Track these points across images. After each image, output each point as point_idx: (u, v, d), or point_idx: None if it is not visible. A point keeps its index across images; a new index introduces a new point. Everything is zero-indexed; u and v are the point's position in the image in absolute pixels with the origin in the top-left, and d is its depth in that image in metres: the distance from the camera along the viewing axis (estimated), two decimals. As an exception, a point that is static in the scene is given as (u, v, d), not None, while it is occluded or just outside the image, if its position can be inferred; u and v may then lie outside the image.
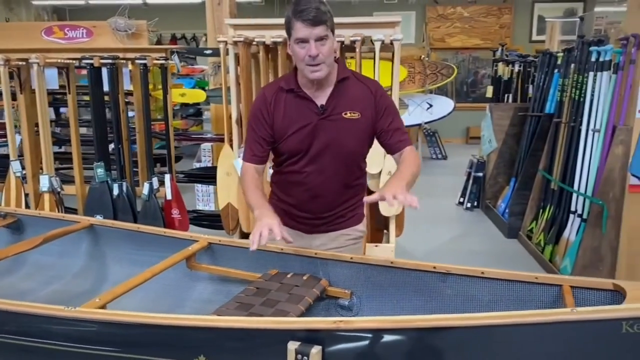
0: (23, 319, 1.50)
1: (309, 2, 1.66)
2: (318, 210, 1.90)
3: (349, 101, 1.81)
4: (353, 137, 1.83)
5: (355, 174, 1.92)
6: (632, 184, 3.34)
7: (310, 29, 1.66)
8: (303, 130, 1.81)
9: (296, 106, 1.82)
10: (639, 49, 3.22)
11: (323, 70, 1.73)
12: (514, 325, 1.18)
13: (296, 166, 1.87)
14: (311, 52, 1.67)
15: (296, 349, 1.26)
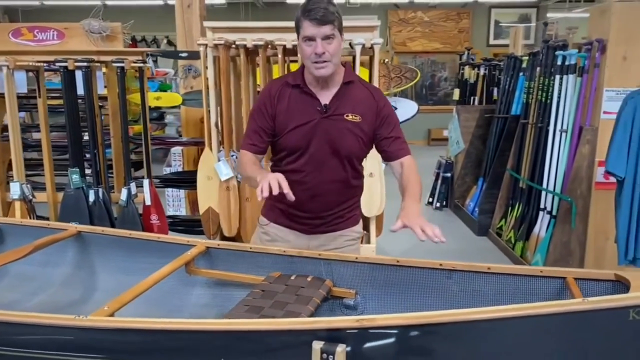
0: (28, 330, 1.45)
1: (318, 2, 1.71)
2: (317, 210, 1.92)
3: (352, 104, 1.85)
4: (353, 139, 1.86)
5: (352, 175, 1.95)
6: (598, 181, 3.52)
7: (317, 27, 1.70)
8: (304, 127, 1.84)
9: (300, 102, 1.85)
10: (602, 54, 3.40)
11: (328, 67, 1.76)
12: (530, 316, 1.24)
13: (296, 164, 1.88)
14: (317, 49, 1.72)
15: (321, 348, 1.28)
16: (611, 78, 3.40)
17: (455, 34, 10.22)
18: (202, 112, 5.00)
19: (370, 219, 3.50)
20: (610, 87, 3.41)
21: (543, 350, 1.28)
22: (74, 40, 3.60)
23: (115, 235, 2.24)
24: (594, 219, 3.57)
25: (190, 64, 4.97)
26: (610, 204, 3.54)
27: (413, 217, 1.61)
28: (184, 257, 1.94)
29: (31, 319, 1.45)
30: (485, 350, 1.27)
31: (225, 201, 3.40)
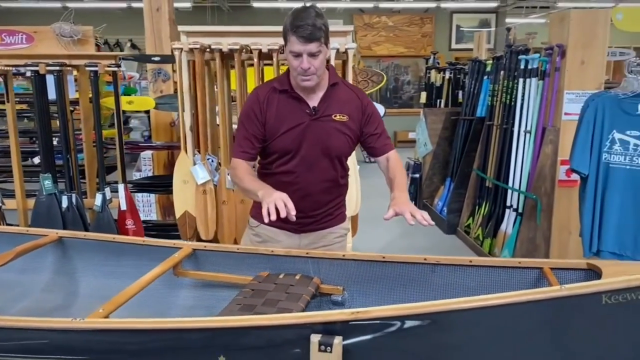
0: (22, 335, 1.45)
1: (306, 18, 1.75)
2: (307, 210, 1.98)
3: (339, 105, 1.93)
4: (342, 138, 1.94)
5: (341, 173, 2.03)
6: (561, 179, 3.71)
7: (304, 45, 1.76)
8: (295, 130, 1.90)
9: (289, 106, 1.91)
10: (563, 58, 3.58)
11: (313, 80, 1.85)
12: (514, 304, 1.33)
13: (287, 166, 1.94)
14: (303, 65, 1.79)
15: (319, 340, 1.33)
16: (571, 81, 3.59)
17: (419, 38, 10.46)
18: (171, 116, 5.00)
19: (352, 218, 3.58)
20: (570, 90, 3.59)
21: (526, 336, 1.37)
22: (43, 43, 3.54)
23: (99, 240, 2.23)
24: (558, 215, 3.76)
25: (159, 68, 4.94)
26: (572, 201, 3.73)
27: (403, 205, 1.74)
28: (172, 260, 1.96)
29: (26, 323, 1.45)
30: (472, 337, 1.36)
31: (202, 205, 3.41)
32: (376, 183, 2.94)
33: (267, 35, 3.35)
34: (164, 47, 4.88)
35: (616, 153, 2.42)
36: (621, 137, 2.39)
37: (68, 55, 3.33)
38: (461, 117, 5.18)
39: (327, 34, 1.82)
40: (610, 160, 2.44)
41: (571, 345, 1.39)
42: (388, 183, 2.00)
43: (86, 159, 3.63)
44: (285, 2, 9.32)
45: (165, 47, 4.89)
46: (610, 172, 2.44)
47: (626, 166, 2.42)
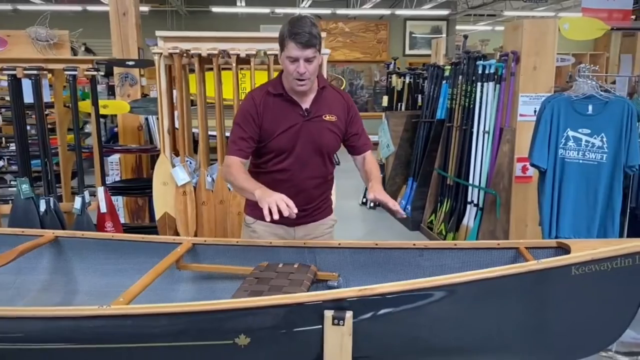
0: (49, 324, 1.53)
1: (304, 26, 1.88)
2: (301, 204, 2.09)
3: (328, 106, 2.10)
4: (332, 136, 2.11)
5: (329, 169, 2.20)
6: (517, 176, 4.02)
7: (301, 50, 1.89)
8: (290, 130, 2.04)
9: (284, 109, 2.05)
10: (517, 64, 3.90)
11: (307, 85, 1.99)
12: (499, 277, 1.54)
13: (282, 164, 2.08)
14: (300, 69, 1.92)
15: (333, 315, 1.49)
16: (525, 85, 3.90)
17: (374, 44, 10.79)
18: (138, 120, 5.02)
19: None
20: (524, 93, 3.91)
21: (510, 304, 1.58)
22: (17, 47, 3.52)
23: (97, 238, 2.30)
24: (515, 208, 4.06)
25: (127, 72, 4.96)
26: (527, 195, 4.05)
27: (382, 194, 1.95)
28: (175, 253, 2.06)
29: (54, 312, 1.53)
30: (464, 308, 1.55)
31: (182, 206, 3.49)
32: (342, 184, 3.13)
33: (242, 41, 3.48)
34: (130, 51, 4.91)
35: (570, 149, 2.71)
36: (574, 135, 2.68)
37: (45, 59, 3.34)
38: (422, 119, 5.45)
39: (321, 41, 1.97)
40: (565, 155, 2.73)
41: (547, 310, 1.61)
42: (364, 177, 2.19)
43: (62, 162, 3.63)
44: (244, 7, 9.42)
45: (132, 51, 4.91)
46: (565, 166, 2.72)
47: (579, 160, 2.71)
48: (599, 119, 2.62)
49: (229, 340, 1.52)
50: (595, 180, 2.66)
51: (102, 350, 1.54)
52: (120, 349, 1.54)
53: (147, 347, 1.54)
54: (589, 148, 2.66)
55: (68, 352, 1.56)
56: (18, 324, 1.55)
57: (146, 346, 1.54)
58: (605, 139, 2.61)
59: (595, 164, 2.67)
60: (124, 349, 1.54)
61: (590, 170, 2.68)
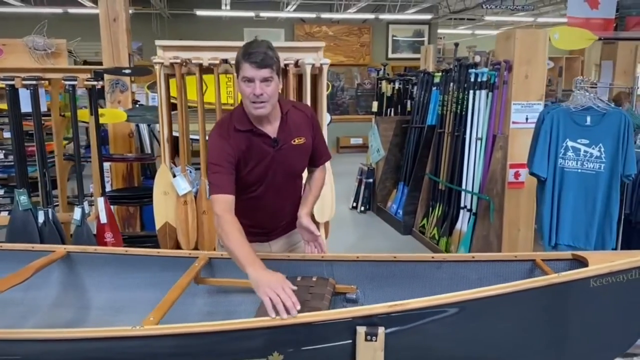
0: (82, 345, 1.53)
1: (258, 47, 1.84)
2: (276, 223, 2.17)
3: (295, 129, 2.04)
4: (303, 159, 2.11)
5: (298, 188, 2.22)
6: (510, 181, 4.11)
7: (256, 70, 1.82)
8: (262, 163, 2.00)
9: (253, 142, 1.98)
10: (510, 72, 3.99)
11: (266, 108, 1.90)
12: (524, 290, 1.59)
13: (256, 192, 2.05)
14: (256, 91, 1.84)
15: (365, 331, 1.53)
16: (517, 93, 4.00)
17: (358, 47, 10.85)
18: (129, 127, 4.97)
19: (321, 224, 3.78)
20: (517, 101, 4.01)
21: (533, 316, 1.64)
22: (13, 56, 3.46)
23: (109, 253, 2.29)
24: (508, 213, 4.16)
25: (117, 79, 4.91)
26: (519, 201, 4.16)
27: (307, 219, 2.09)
28: (194, 268, 2.07)
29: (84, 333, 1.53)
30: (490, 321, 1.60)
31: (183, 215, 3.48)
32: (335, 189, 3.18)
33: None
34: (121, 57, 4.86)
35: (569, 159, 2.80)
36: (573, 145, 2.77)
37: (42, 69, 3.29)
38: (412, 125, 5.53)
39: (279, 65, 1.88)
40: (564, 165, 2.81)
41: (566, 321, 1.67)
42: (305, 191, 2.21)
43: (58, 172, 3.59)
44: (228, 11, 9.38)
45: (123, 57, 4.87)
46: (564, 175, 2.81)
47: (578, 170, 2.80)
48: (597, 130, 2.71)
49: (262, 358, 1.55)
50: (593, 189, 2.76)
51: (136, 370, 1.55)
52: (154, 368, 1.55)
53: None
54: (588, 158, 2.75)
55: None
56: (51, 346, 1.54)
57: (180, 365, 1.55)
58: (603, 149, 2.70)
59: (594, 174, 2.76)
60: (157, 369, 1.55)
61: (589, 180, 2.77)
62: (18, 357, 1.57)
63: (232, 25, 10.19)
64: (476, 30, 12.51)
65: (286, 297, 1.58)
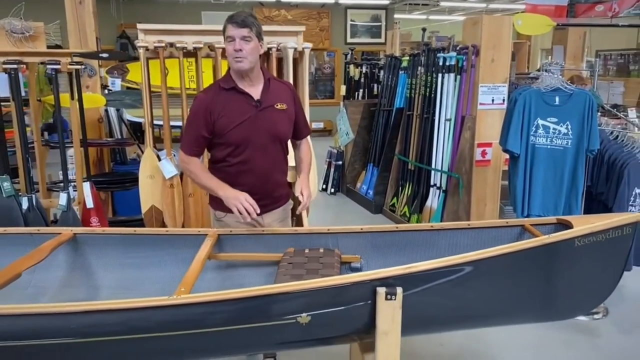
0: (125, 315, 1.61)
1: (241, 14, 2.12)
2: (269, 191, 2.31)
3: (277, 96, 2.26)
4: (285, 124, 2.28)
5: (285, 156, 2.39)
6: (477, 160, 4.37)
7: (237, 29, 2.08)
8: (245, 122, 2.18)
9: (236, 101, 2.18)
10: (477, 56, 4.22)
11: (245, 62, 2.11)
12: (521, 250, 1.79)
13: (242, 156, 2.21)
14: (236, 46, 2.09)
15: (385, 291, 1.69)
16: (484, 76, 4.24)
17: (317, 32, 10.94)
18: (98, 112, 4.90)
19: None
20: (483, 83, 4.25)
21: (526, 273, 1.84)
22: (-14, 39, 3.36)
23: (118, 234, 2.33)
24: (476, 190, 4.42)
25: (86, 63, 4.81)
26: (486, 178, 4.43)
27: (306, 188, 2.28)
28: (207, 244, 2.16)
29: (124, 304, 1.61)
30: (489, 279, 1.79)
31: (170, 198, 3.52)
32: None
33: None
34: (88, 41, 4.77)
35: (540, 136, 3.04)
36: (543, 123, 3.01)
37: (21, 52, 3.23)
38: (382, 108, 5.71)
39: (258, 29, 2.14)
40: (535, 142, 3.06)
41: (554, 276, 1.89)
42: (297, 164, 2.48)
43: (38, 158, 3.54)
44: (187, -6, 9.25)
45: (90, 41, 4.77)
46: (535, 151, 3.06)
47: (547, 146, 3.05)
48: (565, 109, 2.96)
49: (291, 320, 1.68)
50: (561, 163, 3.02)
51: (174, 337, 1.65)
52: (191, 334, 1.65)
53: (217, 331, 1.66)
54: (556, 135, 3.00)
55: (138, 342, 1.65)
56: (88, 318, 1.62)
57: (216, 330, 1.66)
58: (570, 126, 2.96)
59: (562, 149, 3.02)
60: (194, 335, 1.65)
61: (557, 155, 3.03)
62: (55, 330, 1.63)
63: (190, 8, 10.05)
64: (430, 15, 12.84)
65: (247, 205, 2.09)
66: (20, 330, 1.59)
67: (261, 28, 2.16)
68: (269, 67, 3.66)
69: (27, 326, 1.58)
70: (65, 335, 1.62)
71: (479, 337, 2.98)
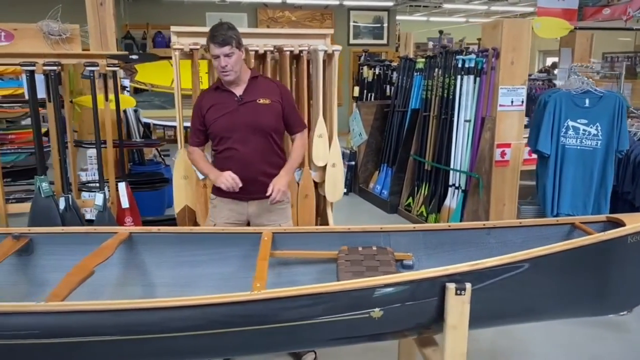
0: (207, 311, 1.67)
1: (220, 30, 2.41)
2: (251, 176, 2.51)
3: (261, 92, 2.55)
4: (267, 116, 2.53)
5: (274, 148, 2.59)
6: (497, 160, 4.45)
7: (219, 48, 2.40)
8: (227, 115, 2.51)
9: (221, 98, 2.54)
10: (497, 59, 4.31)
11: (231, 75, 2.46)
12: (576, 248, 1.87)
13: (227, 143, 2.53)
14: (221, 63, 2.42)
15: (455, 287, 1.76)
16: (503, 78, 4.33)
17: (320, 33, 10.98)
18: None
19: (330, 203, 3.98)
20: (503, 85, 4.34)
21: (581, 269, 1.92)
22: (24, 41, 3.38)
23: (174, 232, 2.38)
24: (495, 190, 4.51)
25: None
26: (505, 177, 4.51)
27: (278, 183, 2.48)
28: (266, 242, 2.22)
29: (206, 300, 1.67)
30: (549, 275, 1.87)
31: (203, 198, 3.56)
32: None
33: (267, 37, 3.59)
34: (109, 43, 4.79)
35: (570, 137, 3.13)
36: (573, 124, 3.11)
37: (57, 54, 3.26)
38: (396, 109, 5.79)
39: (238, 40, 2.44)
40: (565, 142, 3.15)
41: (608, 271, 1.96)
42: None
43: (71, 159, 3.57)
44: (192, -5, 9.27)
45: (110, 43, 4.80)
46: (565, 152, 3.15)
47: (577, 147, 3.14)
48: (595, 111, 3.06)
49: (365, 314, 1.74)
50: (591, 164, 3.11)
51: (253, 332, 1.70)
52: (269, 328, 1.71)
53: (294, 326, 1.72)
54: (586, 136, 3.10)
55: (218, 337, 1.70)
56: (169, 314, 1.67)
57: (293, 325, 1.72)
58: (600, 127, 3.05)
59: (591, 150, 3.12)
60: (272, 329, 1.71)
61: (587, 155, 3.12)
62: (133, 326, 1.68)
63: (194, 9, 10.07)
64: (430, 17, 12.96)
65: (230, 179, 2.42)
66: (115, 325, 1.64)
67: (239, 35, 2.46)
68: (299, 69, 3.73)
69: (120, 322, 1.64)
70: (148, 331, 1.67)
71: (510, 333, 3.07)
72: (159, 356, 1.78)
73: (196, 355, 1.82)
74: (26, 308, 1.66)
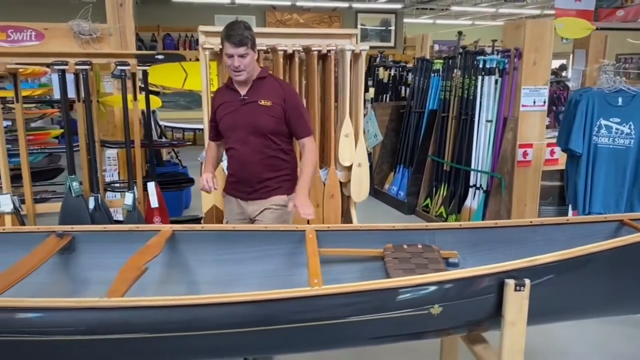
0: (265, 306, 1.66)
1: (237, 29, 2.38)
2: (249, 177, 2.56)
3: (263, 93, 2.52)
4: (266, 118, 2.51)
5: (278, 150, 2.57)
6: (519, 160, 4.46)
7: (235, 49, 2.38)
8: (231, 114, 2.54)
9: (228, 96, 2.57)
10: (520, 59, 4.31)
11: (243, 75, 2.46)
12: (630, 245, 1.86)
13: (230, 142, 2.58)
14: (235, 64, 2.41)
15: (515, 283, 1.75)
16: (526, 78, 4.34)
17: (329, 35, 11.01)
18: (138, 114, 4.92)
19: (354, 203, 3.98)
20: (526, 86, 4.34)
21: (636, 266, 1.92)
22: (54, 41, 3.38)
23: (216, 230, 2.38)
24: (517, 190, 4.51)
25: (124, 65, 4.83)
26: (526, 177, 4.51)
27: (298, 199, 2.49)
28: (313, 240, 2.20)
29: (260, 296, 1.66)
30: (603, 270, 1.86)
31: (230, 197, 3.56)
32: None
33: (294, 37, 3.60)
34: (129, 43, 4.79)
35: (602, 136, 3.14)
36: (606, 123, 3.11)
37: (86, 53, 3.26)
38: (413, 109, 5.79)
39: (253, 41, 2.43)
40: (597, 141, 3.15)
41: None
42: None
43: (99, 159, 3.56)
44: (202, -3, 9.29)
45: (130, 43, 4.79)
46: (597, 151, 3.15)
47: (609, 146, 3.14)
48: (628, 110, 3.06)
49: (424, 310, 1.73)
50: (623, 162, 3.11)
51: (312, 328, 1.70)
52: (329, 324, 1.70)
53: (354, 322, 1.71)
54: (619, 134, 3.10)
55: (277, 333, 1.70)
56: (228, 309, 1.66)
57: (353, 321, 1.71)
58: (633, 126, 3.06)
59: (624, 148, 3.12)
60: (332, 325, 1.70)
61: (619, 154, 3.12)
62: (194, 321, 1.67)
63: (203, 11, 10.09)
64: (437, 20, 12.99)
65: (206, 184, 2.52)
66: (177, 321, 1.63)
67: (254, 36, 2.45)
68: (326, 68, 3.74)
69: (183, 317, 1.63)
70: (209, 326, 1.66)
71: (544, 332, 3.06)
72: (215, 352, 1.77)
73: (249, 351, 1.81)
74: (89, 303, 1.65)
